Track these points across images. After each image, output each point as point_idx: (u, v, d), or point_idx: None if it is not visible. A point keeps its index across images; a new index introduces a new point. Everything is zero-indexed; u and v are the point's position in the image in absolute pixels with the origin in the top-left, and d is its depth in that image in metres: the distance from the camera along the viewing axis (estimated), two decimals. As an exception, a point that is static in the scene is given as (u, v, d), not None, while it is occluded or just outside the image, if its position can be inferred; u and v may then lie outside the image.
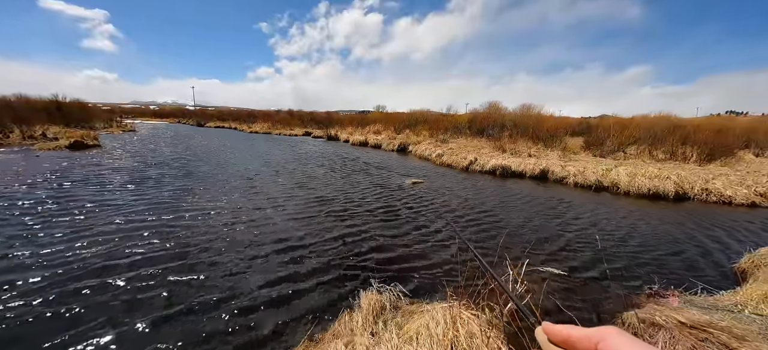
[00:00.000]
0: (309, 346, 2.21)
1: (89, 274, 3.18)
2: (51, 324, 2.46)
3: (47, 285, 2.95)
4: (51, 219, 4.66)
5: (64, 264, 3.33)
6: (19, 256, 3.46)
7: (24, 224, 4.41)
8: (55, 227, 4.34)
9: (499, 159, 10.48)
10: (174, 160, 10.99)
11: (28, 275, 3.10)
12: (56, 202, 5.46)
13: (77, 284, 2.99)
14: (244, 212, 5.38)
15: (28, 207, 5.18)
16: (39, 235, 4.05)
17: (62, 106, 20.66)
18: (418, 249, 4.07)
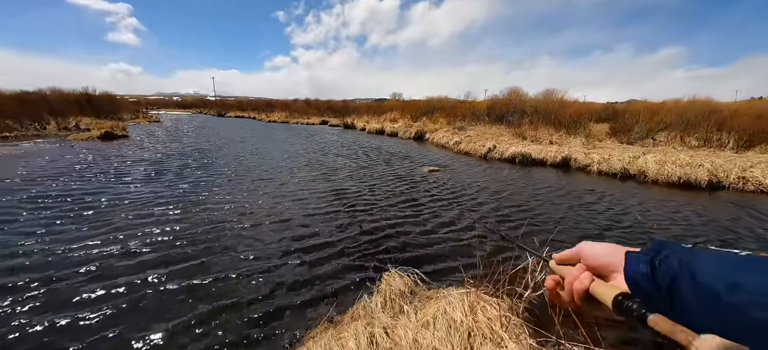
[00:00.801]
0: (329, 327, 2.27)
1: (130, 253, 3.38)
2: (93, 291, 2.64)
3: (96, 257, 3.16)
4: (93, 202, 4.95)
5: (110, 242, 3.55)
6: (70, 235, 3.72)
7: (68, 208, 4.71)
8: (96, 209, 4.62)
9: (519, 146, 10.22)
10: (197, 150, 11.36)
11: (81, 251, 3.32)
12: (96, 187, 5.79)
13: (124, 261, 3.18)
14: (265, 199, 5.52)
15: (72, 192, 5.51)
16: (86, 214, 4.32)
17: (92, 99, 21.65)
18: (435, 237, 4.06)
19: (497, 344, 2.00)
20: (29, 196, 5.30)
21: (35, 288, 2.77)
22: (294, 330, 2.38)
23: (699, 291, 0.33)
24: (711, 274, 0.32)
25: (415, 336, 2.10)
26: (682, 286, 0.34)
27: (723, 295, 0.30)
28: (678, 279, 0.35)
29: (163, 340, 2.25)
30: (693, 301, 0.33)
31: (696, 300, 0.33)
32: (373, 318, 2.24)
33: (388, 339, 2.02)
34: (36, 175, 6.81)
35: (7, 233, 3.88)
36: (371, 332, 2.02)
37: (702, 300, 0.32)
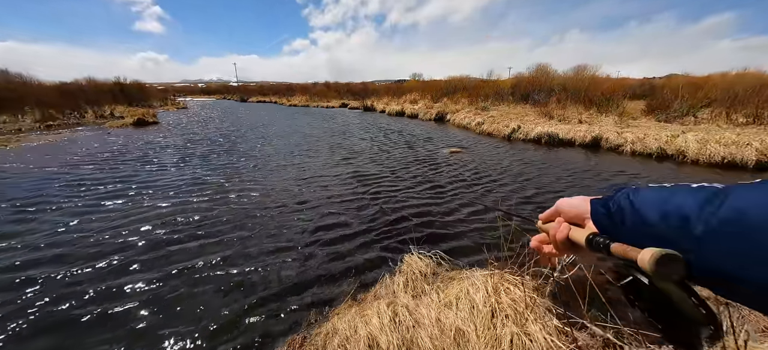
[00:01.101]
0: (352, 305, 2.32)
1: (170, 228, 3.59)
2: (132, 264, 2.84)
3: (143, 231, 3.39)
4: (130, 187, 5.27)
5: (149, 220, 3.79)
6: (110, 217, 3.99)
7: (108, 192, 5.04)
8: (133, 193, 4.91)
9: (545, 126, 9.80)
10: (222, 135, 11.72)
11: (126, 229, 3.57)
12: (131, 172, 6.14)
13: (162, 234, 3.39)
14: (288, 182, 5.65)
15: (111, 176, 5.88)
16: (124, 198, 4.61)
17: (124, 88, 22.67)
18: (457, 219, 4.02)
19: (521, 326, 1.98)
20: (73, 180, 5.71)
21: (78, 268, 3.01)
22: (319, 306, 2.46)
23: (638, 218, 0.42)
24: (645, 203, 0.42)
25: (438, 315, 2.11)
26: (628, 217, 0.43)
27: (650, 217, 0.40)
28: (624, 212, 0.44)
29: (194, 314, 2.39)
30: (636, 226, 0.42)
31: (637, 225, 0.42)
32: (395, 297, 2.27)
33: (411, 318, 2.04)
34: (78, 160, 7.30)
35: (55, 214, 4.21)
36: (394, 310, 2.05)
37: (641, 223, 0.41)
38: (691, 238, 0.36)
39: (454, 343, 1.98)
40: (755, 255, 0.31)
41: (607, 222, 0.47)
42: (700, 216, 0.35)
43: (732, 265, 0.33)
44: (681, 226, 0.37)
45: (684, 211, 0.37)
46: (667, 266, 0.36)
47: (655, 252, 0.36)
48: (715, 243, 0.34)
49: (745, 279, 0.32)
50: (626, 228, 0.44)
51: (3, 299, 2.53)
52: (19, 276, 2.82)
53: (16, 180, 5.75)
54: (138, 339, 2.17)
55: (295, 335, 2.14)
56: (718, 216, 0.34)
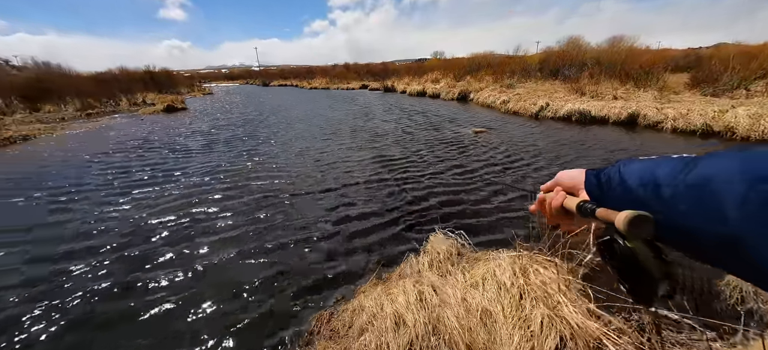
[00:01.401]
0: (378, 283, 2.34)
1: (202, 205, 3.76)
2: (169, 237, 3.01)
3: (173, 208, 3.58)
4: (162, 171, 5.54)
5: (187, 195, 3.98)
6: (147, 200, 4.23)
7: (144, 177, 5.33)
8: (166, 178, 5.17)
9: (576, 103, 9.27)
10: (247, 120, 11.99)
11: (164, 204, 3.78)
12: (164, 156, 6.45)
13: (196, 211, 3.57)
14: (312, 165, 5.72)
15: (147, 161, 6.21)
16: (159, 182, 4.87)
17: (154, 76, 23.57)
18: (482, 200, 3.93)
19: (552, 308, 1.92)
20: (111, 167, 6.07)
21: (115, 247, 3.21)
22: (345, 284, 2.50)
23: (623, 185, 0.46)
24: (630, 172, 0.46)
25: (464, 295, 2.08)
26: (614, 185, 0.48)
27: (632, 184, 0.44)
28: (613, 180, 0.48)
29: (226, 291, 2.51)
30: (620, 193, 0.46)
31: (622, 191, 0.46)
32: (421, 277, 2.26)
33: (437, 297, 2.03)
34: (115, 147, 7.75)
35: (95, 199, 4.51)
36: (420, 289, 2.04)
37: (624, 190, 0.46)
38: (661, 200, 0.40)
39: (481, 323, 1.96)
40: (714, 213, 0.35)
41: (597, 191, 0.52)
42: (670, 182, 0.40)
43: (694, 223, 0.37)
44: (654, 190, 0.41)
45: (658, 177, 0.41)
46: (638, 226, 0.41)
47: (628, 214, 0.41)
48: (681, 204, 0.38)
49: (704, 235, 0.36)
50: (613, 195, 0.48)
51: (44, 280, 2.76)
52: (56, 259, 3.06)
53: (60, 167, 6.19)
54: (174, 316, 2.30)
55: (323, 311, 2.19)
56: (686, 181, 0.38)
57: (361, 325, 1.92)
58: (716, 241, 0.35)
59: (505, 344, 1.82)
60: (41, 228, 3.57)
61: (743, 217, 0.33)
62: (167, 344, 2.03)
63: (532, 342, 1.81)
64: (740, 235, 0.33)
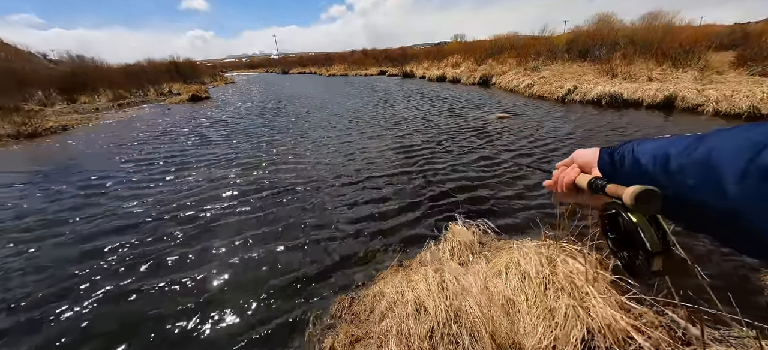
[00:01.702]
0: (398, 270, 2.35)
1: (223, 191, 3.89)
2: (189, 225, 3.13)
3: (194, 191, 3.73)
4: (190, 158, 5.75)
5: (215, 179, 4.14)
6: (174, 186, 4.42)
7: (172, 164, 5.55)
8: (193, 164, 5.36)
9: (607, 85, 8.77)
10: (267, 109, 12.18)
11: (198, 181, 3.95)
12: (191, 144, 6.69)
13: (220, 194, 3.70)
14: (331, 152, 5.75)
15: (176, 149, 6.46)
16: (187, 169, 5.07)
17: (178, 66, 24.27)
18: (505, 187, 3.82)
19: (580, 299, 1.85)
20: (143, 153, 6.36)
21: (142, 239, 3.37)
22: (365, 270, 2.52)
23: (634, 162, 0.47)
24: (643, 150, 0.46)
25: (486, 284, 2.05)
26: (626, 162, 0.48)
27: (643, 160, 0.45)
28: (625, 158, 0.49)
29: (250, 276, 2.59)
30: (632, 169, 0.47)
31: (633, 168, 0.47)
32: (442, 265, 2.24)
33: (458, 285, 2.01)
34: (145, 136, 8.10)
35: (132, 179, 4.75)
36: (441, 277, 2.02)
37: (635, 166, 0.47)
38: (669, 175, 0.41)
39: (504, 313, 1.92)
40: (715, 186, 0.36)
41: (609, 168, 0.52)
42: (678, 157, 0.40)
43: (699, 197, 0.38)
44: (663, 166, 0.42)
45: (669, 154, 0.42)
46: (645, 200, 0.42)
47: (637, 188, 0.42)
48: (688, 178, 0.39)
49: (708, 209, 0.37)
50: (624, 172, 0.49)
51: (73, 268, 2.94)
52: (87, 247, 3.25)
53: (94, 157, 6.55)
54: (202, 301, 2.41)
55: (344, 295, 2.23)
56: (693, 157, 0.39)
57: (381, 311, 1.94)
58: (718, 215, 0.36)
59: (529, 334, 1.78)
60: (78, 210, 3.81)
61: (742, 191, 0.33)
62: (193, 325, 2.13)
63: (556, 333, 1.76)
64: (739, 209, 0.34)
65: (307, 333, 1.99)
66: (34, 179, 5.09)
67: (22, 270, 2.75)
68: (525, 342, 1.73)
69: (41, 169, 5.59)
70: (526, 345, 1.71)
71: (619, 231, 0.49)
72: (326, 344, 1.87)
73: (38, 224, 3.54)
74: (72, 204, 4.01)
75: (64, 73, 16.69)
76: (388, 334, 1.77)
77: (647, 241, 0.44)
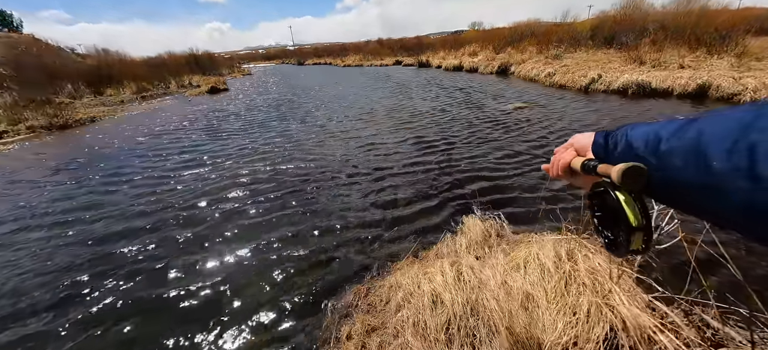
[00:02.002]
0: (414, 262, 2.34)
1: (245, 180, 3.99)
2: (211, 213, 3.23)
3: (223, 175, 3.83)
4: (211, 149, 5.91)
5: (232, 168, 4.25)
6: (197, 175, 4.55)
7: (194, 153, 5.72)
8: (212, 155, 5.50)
9: (634, 73, 8.36)
10: (284, 101, 12.31)
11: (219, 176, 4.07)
12: (212, 135, 6.87)
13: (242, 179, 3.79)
14: (348, 143, 5.77)
15: (198, 139, 6.65)
16: (206, 159, 5.21)
17: (198, 59, 24.80)
18: (523, 180, 3.73)
19: (602, 296, 1.79)
20: (166, 144, 6.57)
21: (163, 229, 3.49)
22: (381, 261, 2.53)
23: (626, 144, 0.48)
24: (637, 133, 0.47)
25: (504, 278, 2.02)
26: (619, 144, 0.50)
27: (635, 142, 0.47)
28: (618, 141, 0.51)
29: (265, 266, 2.65)
30: (624, 150, 0.49)
31: (625, 149, 0.49)
32: (458, 257, 2.22)
33: (475, 278, 1.99)
34: (167, 126, 8.36)
35: (156, 170, 4.92)
36: (458, 269, 2.01)
37: (627, 147, 0.48)
38: (658, 156, 0.43)
39: (522, 307, 1.89)
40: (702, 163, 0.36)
41: (602, 151, 0.54)
42: (669, 140, 0.41)
43: (685, 176, 0.39)
44: (653, 147, 0.44)
45: (659, 136, 0.43)
46: (631, 177, 0.44)
47: (623, 165, 0.44)
48: (676, 158, 0.40)
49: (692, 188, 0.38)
50: (617, 153, 0.50)
51: (96, 257, 3.08)
52: (110, 236, 3.39)
53: (120, 148, 6.81)
54: (218, 287, 2.48)
55: (360, 285, 2.24)
56: (683, 138, 0.40)
57: (397, 302, 1.94)
58: (702, 191, 0.37)
59: (548, 330, 1.75)
60: (107, 194, 3.99)
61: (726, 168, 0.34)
62: (209, 312, 2.20)
63: (576, 329, 1.72)
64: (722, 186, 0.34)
65: (324, 321, 2.02)
66: (69, 167, 5.37)
67: (56, 251, 2.93)
68: (544, 338, 1.70)
69: (75, 158, 5.88)
70: (544, 341, 1.68)
71: (605, 209, 0.51)
72: (343, 332, 1.90)
73: (73, 208, 3.74)
74: (103, 190, 4.21)
75: (91, 66, 17.37)
76: (405, 325, 1.78)
77: (630, 215, 0.45)
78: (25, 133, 8.25)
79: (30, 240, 3.16)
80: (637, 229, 0.45)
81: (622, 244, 0.47)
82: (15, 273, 2.67)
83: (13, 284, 2.55)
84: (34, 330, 2.13)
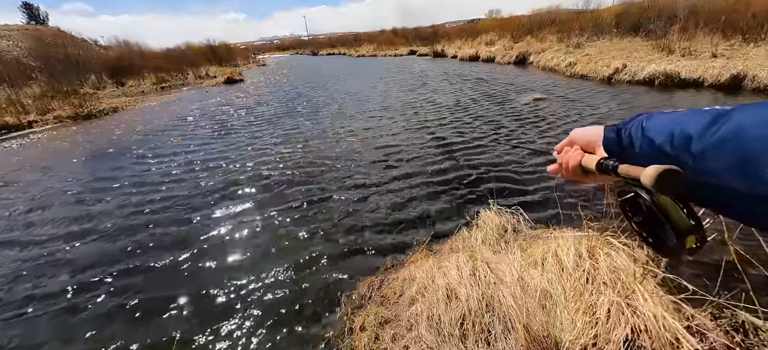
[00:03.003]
0: (428, 255, 2.32)
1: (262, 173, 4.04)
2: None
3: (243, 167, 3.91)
4: (229, 139, 6.01)
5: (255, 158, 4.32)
6: (218, 165, 4.65)
7: (213, 145, 5.83)
8: (229, 146, 5.60)
9: (662, 63, 7.95)
10: (299, 93, 12.38)
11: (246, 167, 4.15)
12: (233, 123, 6.98)
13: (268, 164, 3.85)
14: (362, 135, 5.75)
15: (218, 130, 6.78)
16: (224, 149, 5.30)
17: (214, 50, 25.10)
18: (541, 175, 3.63)
19: (625, 296, 1.73)
20: (185, 134, 6.71)
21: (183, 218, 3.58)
22: (394, 253, 2.53)
23: (646, 140, 0.44)
24: (655, 127, 0.44)
25: (521, 274, 1.97)
26: (636, 140, 0.46)
27: (658, 139, 0.42)
28: (634, 136, 0.46)
29: (277, 256, 2.68)
30: (643, 148, 0.45)
31: (645, 146, 0.44)
32: (474, 252, 2.19)
33: (492, 274, 1.95)
34: (186, 116, 8.55)
35: (175, 160, 5.05)
36: (474, 264, 1.97)
37: (648, 145, 0.44)
38: (691, 155, 0.38)
39: (539, 305, 1.85)
40: (748, 168, 0.32)
41: (616, 148, 0.50)
42: (701, 136, 0.37)
43: (725, 178, 0.35)
44: (683, 145, 0.39)
45: (688, 132, 0.38)
46: (668, 181, 0.39)
47: (658, 168, 0.39)
48: (712, 158, 0.36)
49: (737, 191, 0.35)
50: (635, 151, 0.46)
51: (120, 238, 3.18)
52: (134, 222, 3.50)
53: (140, 138, 7.01)
54: (233, 276, 2.53)
55: (373, 277, 2.25)
56: (717, 135, 0.35)
57: (411, 295, 1.93)
58: (751, 197, 0.34)
59: (566, 329, 1.71)
60: (132, 184, 4.13)
61: None
62: (224, 300, 2.25)
63: (596, 330, 1.67)
64: None
65: (338, 311, 2.04)
66: (97, 154, 5.58)
67: (87, 235, 3.06)
68: (562, 337, 1.66)
69: (100, 147, 6.11)
70: (563, 340, 1.64)
71: (642, 212, 0.46)
72: (356, 323, 1.91)
73: (98, 193, 3.90)
74: (130, 180, 4.36)
75: (113, 57, 17.88)
76: (419, 318, 1.77)
77: (677, 222, 0.42)
78: (52, 122, 8.60)
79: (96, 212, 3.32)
80: (688, 232, 0.41)
81: (675, 247, 0.43)
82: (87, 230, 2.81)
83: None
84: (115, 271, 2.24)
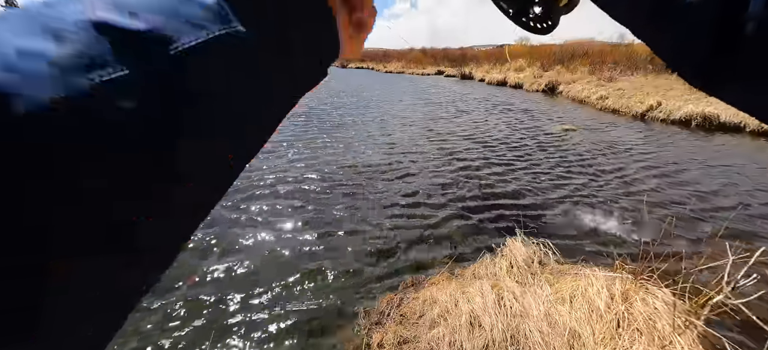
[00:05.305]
0: (451, 279, 2.29)
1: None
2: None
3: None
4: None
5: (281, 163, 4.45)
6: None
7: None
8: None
9: (700, 104, 7.64)
10: (327, 109, 12.68)
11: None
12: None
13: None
14: (389, 155, 5.81)
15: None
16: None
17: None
18: (570, 207, 3.53)
19: (661, 347, 1.64)
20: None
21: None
22: (415, 273, 2.50)
23: None
24: None
25: (548, 309, 1.91)
26: None
27: None
28: None
29: (297, 271, 2.71)
30: None
31: None
32: (498, 280, 2.14)
33: (518, 305, 1.90)
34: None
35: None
36: (499, 293, 1.93)
37: None
38: None
39: (566, 344, 1.77)
40: None
41: None
42: None
43: None
44: None
45: None
46: None
47: None
48: None
49: None
50: None
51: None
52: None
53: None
54: (252, 286, 2.58)
55: (393, 295, 2.23)
56: None
57: (433, 318, 1.90)
58: None
59: (595, 373, 1.63)
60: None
61: None
62: (242, 309, 2.29)
63: (627, 379, 1.58)
64: None
65: (356, 326, 2.03)
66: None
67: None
68: (591, 382, 1.58)
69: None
70: (592, 385, 1.57)
71: None
72: (374, 340, 1.89)
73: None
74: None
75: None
76: (440, 343, 1.74)
77: None
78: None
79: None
80: None
81: (523, 15, 0.39)
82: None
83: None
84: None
